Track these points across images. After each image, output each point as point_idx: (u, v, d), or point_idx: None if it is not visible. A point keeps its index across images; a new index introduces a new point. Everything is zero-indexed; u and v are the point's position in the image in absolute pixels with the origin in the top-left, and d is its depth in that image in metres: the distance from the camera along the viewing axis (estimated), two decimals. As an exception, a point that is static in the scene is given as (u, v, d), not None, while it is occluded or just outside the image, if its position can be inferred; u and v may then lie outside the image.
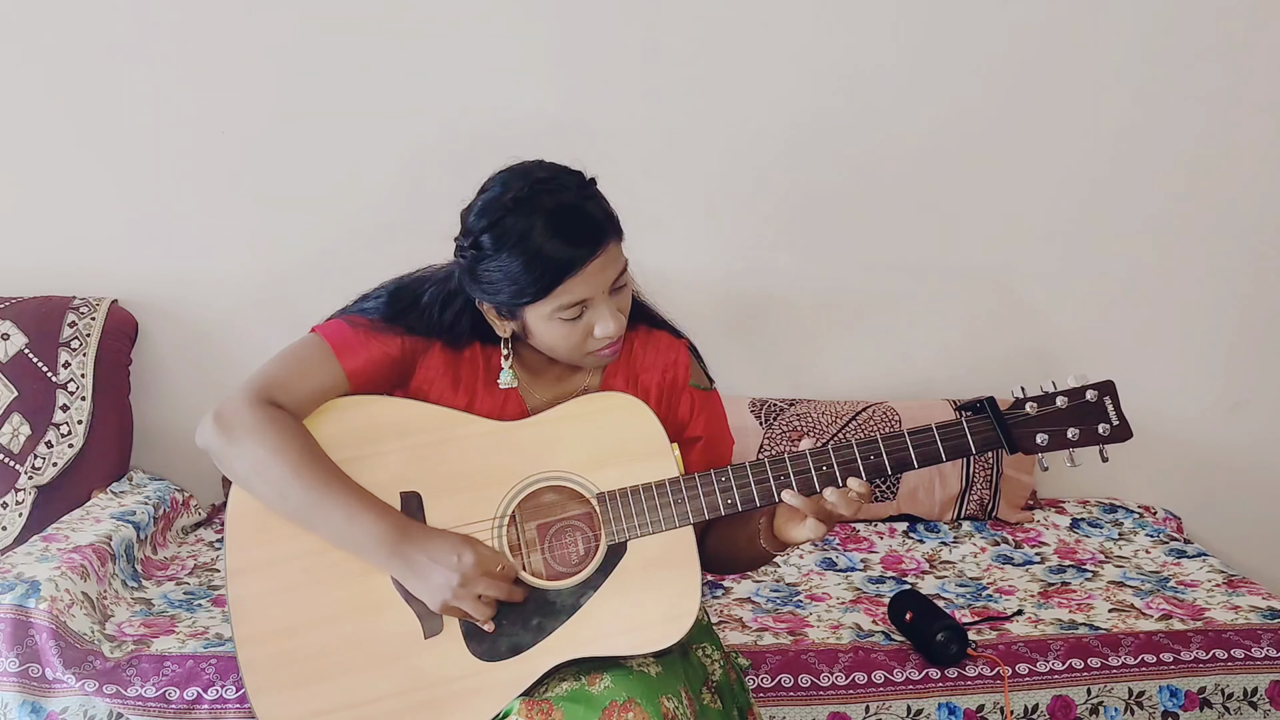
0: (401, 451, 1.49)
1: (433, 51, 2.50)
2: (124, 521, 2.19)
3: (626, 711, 1.37)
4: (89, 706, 1.80)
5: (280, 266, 2.54)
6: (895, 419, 2.54)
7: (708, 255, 2.61)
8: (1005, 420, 1.48)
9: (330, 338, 1.50)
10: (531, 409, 1.55)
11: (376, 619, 1.46)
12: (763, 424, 2.53)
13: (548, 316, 1.44)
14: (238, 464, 1.45)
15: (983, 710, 1.89)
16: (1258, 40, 2.61)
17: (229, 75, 2.48)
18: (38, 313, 2.38)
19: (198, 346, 2.57)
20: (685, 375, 1.59)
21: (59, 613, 1.85)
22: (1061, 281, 2.70)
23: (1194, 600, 2.18)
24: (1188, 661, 1.97)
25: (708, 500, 1.48)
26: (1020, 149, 2.63)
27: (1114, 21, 2.58)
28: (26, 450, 2.31)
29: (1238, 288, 2.72)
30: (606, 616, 1.45)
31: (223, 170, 2.51)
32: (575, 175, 1.46)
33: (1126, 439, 1.50)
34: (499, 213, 1.41)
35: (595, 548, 1.49)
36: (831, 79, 2.57)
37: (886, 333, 2.70)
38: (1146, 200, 2.67)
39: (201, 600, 2.11)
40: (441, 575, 1.41)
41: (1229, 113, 2.64)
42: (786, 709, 1.87)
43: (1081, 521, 2.60)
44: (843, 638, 2.00)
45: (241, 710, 1.79)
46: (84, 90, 2.47)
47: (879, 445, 1.46)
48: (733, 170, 2.60)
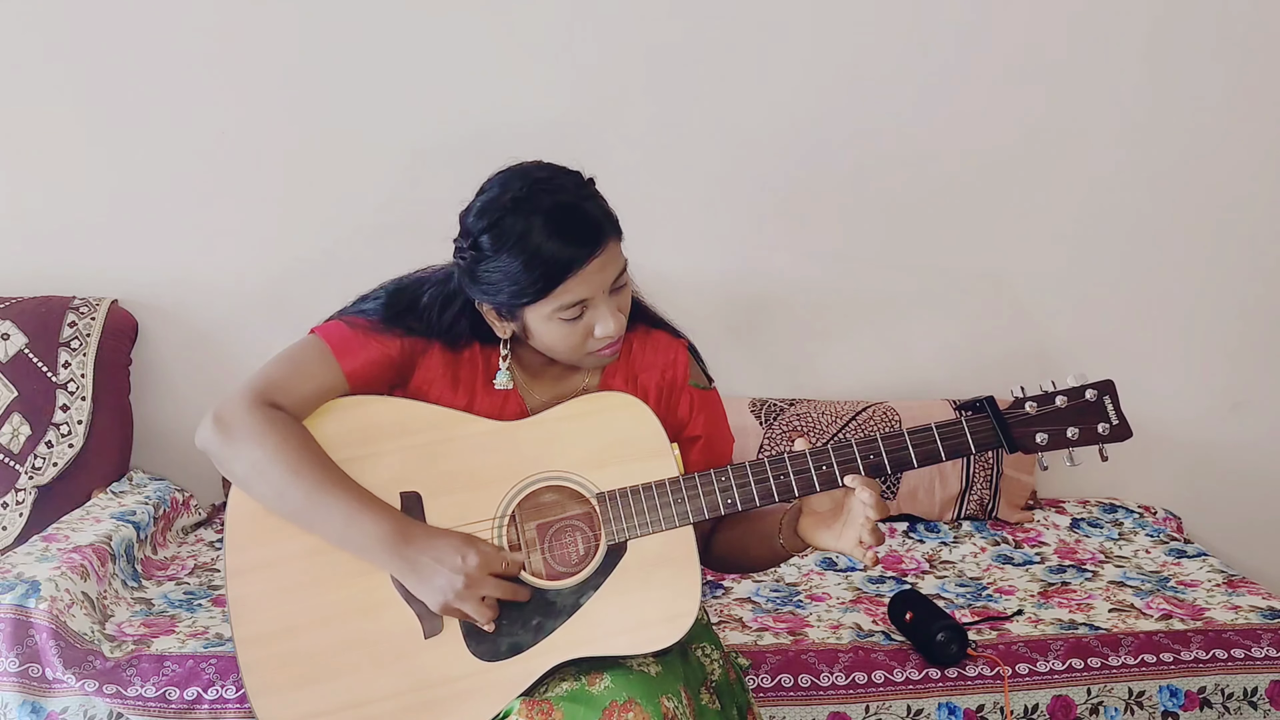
0: (401, 451, 1.49)
1: (432, 52, 2.50)
2: (124, 521, 2.19)
3: (626, 711, 1.37)
4: (89, 706, 1.80)
5: (280, 266, 2.54)
6: (895, 419, 2.54)
7: (708, 255, 2.61)
8: (1005, 420, 1.48)
9: (329, 339, 1.50)
10: (531, 409, 1.55)
11: (376, 619, 1.46)
12: (763, 424, 2.53)
13: (547, 317, 1.44)
14: (237, 465, 1.45)
15: (983, 710, 1.89)
16: (1258, 40, 2.61)
17: (229, 75, 2.48)
18: (38, 313, 2.38)
19: (198, 346, 2.57)
20: (684, 374, 1.59)
21: (59, 613, 1.85)
22: (1061, 281, 2.70)
23: (1194, 600, 2.18)
24: (1188, 661, 1.96)
25: (707, 500, 1.48)
26: (1020, 149, 2.63)
27: (1115, 22, 2.58)
28: (26, 450, 2.31)
29: (1238, 288, 2.72)
30: (606, 616, 1.45)
31: (223, 170, 2.51)
32: (574, 175, 1.46)
33: (1126, 438, 1.50)
34: (498, 213, 1.41)
35: (595, 547, 1.49)
36: (832, 79, 2.57)
37: (886, 333, 2.70)
38: (1146, 200, 2.67)
39: (201, 600, 2.11)
40: (445, 577, 1.41)
41: (1229, 113, 2.64)
42: (786, 709, 1.87)
43: (1081, 521, 2.60)
44: (843, 638, 2.00)
45: (241, 710, 1.79)
46: (84, 90, 2.47)
47: (879, 445, 1.46)
48: (733, 170, 2.60)
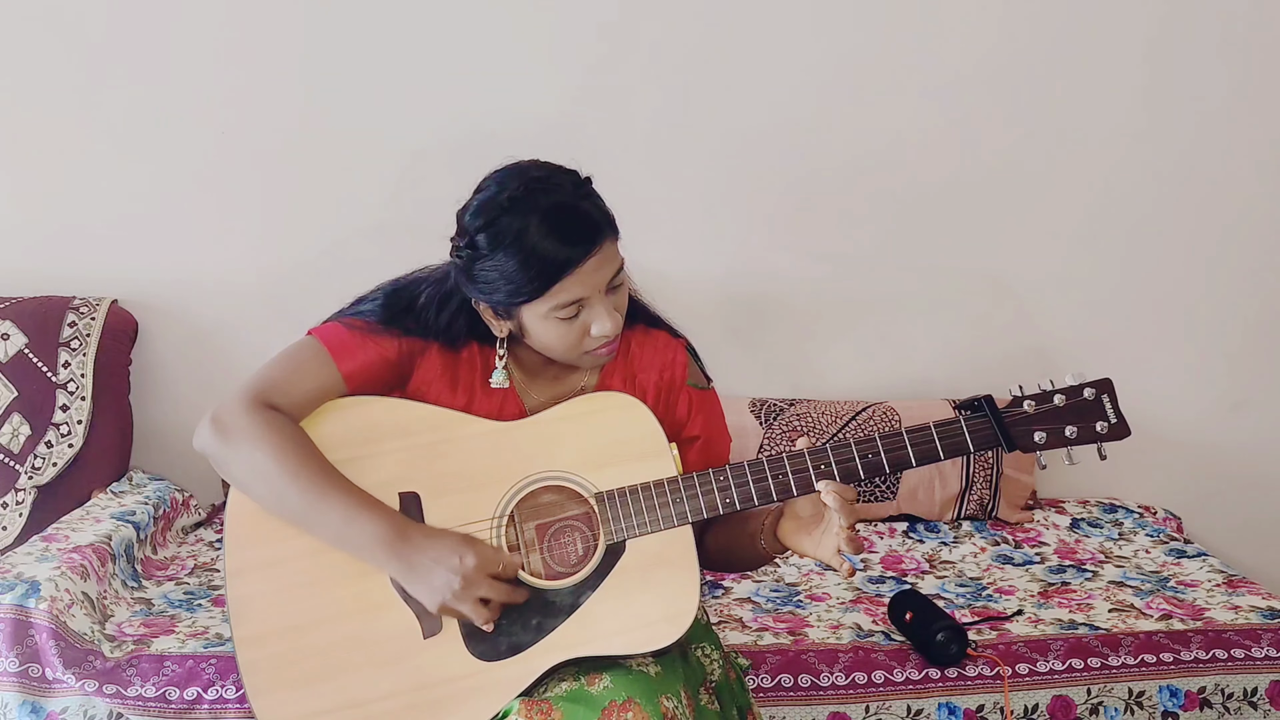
0: (400, 452, 1.48)
1: (430, 52, 2.50)
2: (124, 521, 2.20)
3: (626, 711, 1.37)
4: (89, 706, 1.80)
5: (280, 266, 2.54)
6: (895, 419, 2.53)
7: (707, 255, 2.61)
8: (1003, 418, 1.47)
9: (327, 340, 1.50)
10: (530, 409, 1.55)
11: (376, 619, 1.46)
12: (763, 424, 2.53)
13: (544, 316, 1.44)
14: (235, 467, 1.45)
15: (983, 710, 1.89)
16: (1258, 41, 2.61)
17: (229, 76, 2.48)
18: (38, 313, 2.38)
19: (198, 346, 2.57)
20: (683, 374, 1.59)
21: (59, 613, 1.85)
22: (1061, 281, 2.70)
23: (1194, 600, 2.18)
24: (1188, 661, 1.96)
25: (706, 500, 1.47)
26: (1020, 149, 2.63)
27: (1115, 22, 2.58)
28: (26, 450, 2.31)
29: (1238, 288, 2.72)
30: (605, 616, 1.45)
31: (223, 171, 2.51)
32: (570, 174, 1.46)
33: (1124, 437, 1.49)
34: (494, 212, 1.41)
35: (594, 547, 1.49)
36: (832, 79, 2.57)
37: (886, 333, 2.70)
38: (1146, 200, 2.66)
39: (201, 600, 2.11)
40: (442, 577, 1.41)
41: (1229, 113, 2.63)
42: (786, 709, 1.87)
43: (1081, 521, 2.60)
44: (843, 638, 2.00)
45: (241, 710, 1.79)
46: (84, 91, 2.47)
47: (877, 444, 1.46)
48: (732, 170, 2.59)
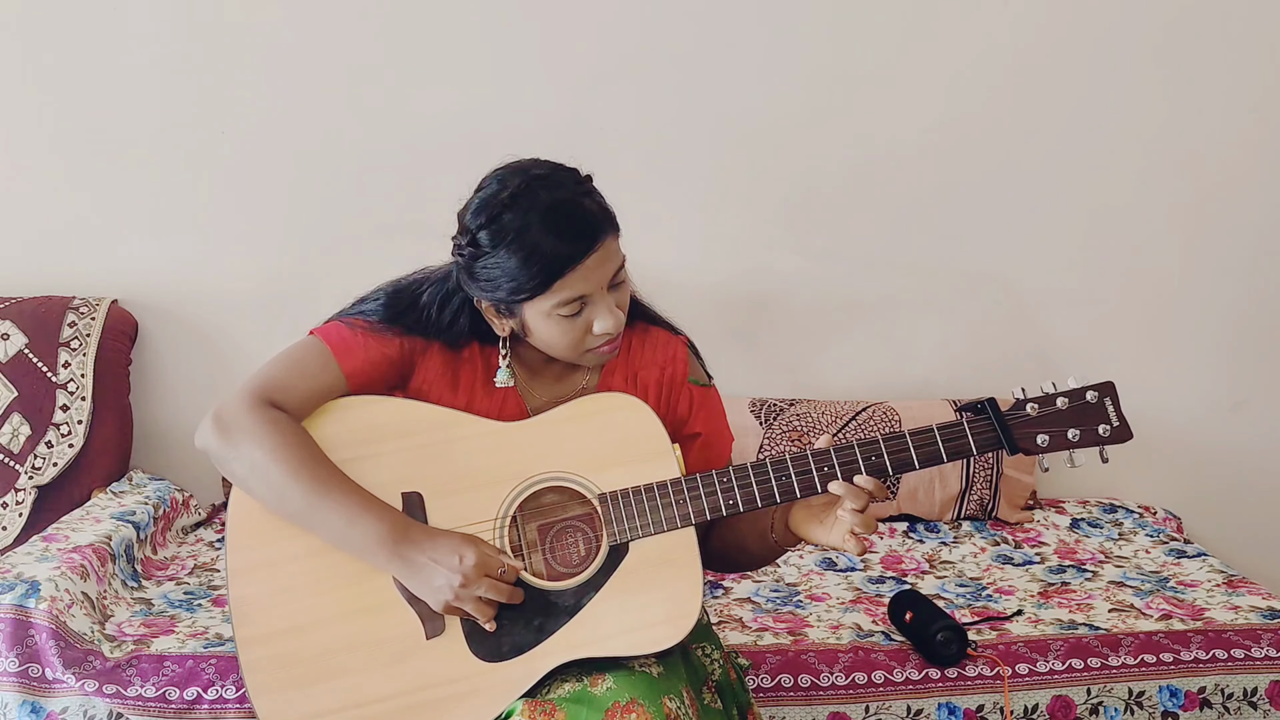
0: (402, 452, 1.49)
1: (430, 52, 2.50)
2: (124, 521, 2.19)
3: (629, 712, 1.37)
4: (89, 706, 1.80)
5: (280, 267, 2.54)
6: (895, 419, 2.54)
7: (707, 255, 2.61)
8: (1006, 421, 1.48)
9: (328, 339, 1.50)
10: (531, 409, 1.55)
11: (378, 619, 1.46)
12: (763, 424, 2.53)
13: (546, 313, 1.44)
14: (237, 466, 1.45)
15: (983, 710, 1.89)
16: (1258, 41, 2.61)
17: (229, 75, 2.48)
18: (38, 313, 2.38)
19: (198, 346, 2.57)
20: (684, 372, 1.59)
21: (59, 613, 1.85)
22: (1062, 282, 2.70)
23: (1194, 600, 2.18)
24: (1188, 661, 1.96)
25: (709, 501, 1.47)
26: (1021, 149, 2.63)
27: (1118, 24, 2.58)
28: (26, 450, 2.31)
29: (1238, 288, 2.72)
30: (608, 617, 1.45)
31: (223, 170, 2.51)
32: (571, 172, 1.46)
33: (1127, 440, 1.49)
34: (496, 209, 1.41)
35: (596, 548, 1.49)
36: (832, 78, 2.57)
37: (886, 333, 2.70)
38: (1147, 200, 2.67)
39: (201, 600, 2.11)
40: (443, 576, 1.41)
41: (1232, 113, 2.64)
42: (786, 709, 1.87)
43: (1081, 521, 2.60)
44: (843, 638, 2.00)
45: (241, 710, 1.79)
46: (84, 90, 2.47)
47: (880, 446, 1.46)
48: (732, 170, 2.59)
